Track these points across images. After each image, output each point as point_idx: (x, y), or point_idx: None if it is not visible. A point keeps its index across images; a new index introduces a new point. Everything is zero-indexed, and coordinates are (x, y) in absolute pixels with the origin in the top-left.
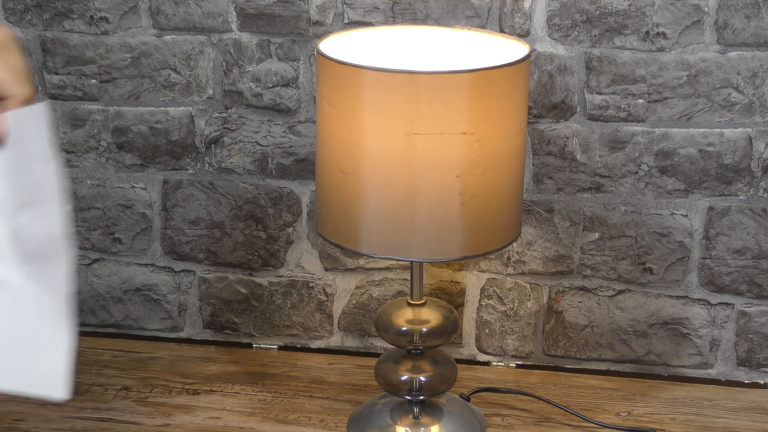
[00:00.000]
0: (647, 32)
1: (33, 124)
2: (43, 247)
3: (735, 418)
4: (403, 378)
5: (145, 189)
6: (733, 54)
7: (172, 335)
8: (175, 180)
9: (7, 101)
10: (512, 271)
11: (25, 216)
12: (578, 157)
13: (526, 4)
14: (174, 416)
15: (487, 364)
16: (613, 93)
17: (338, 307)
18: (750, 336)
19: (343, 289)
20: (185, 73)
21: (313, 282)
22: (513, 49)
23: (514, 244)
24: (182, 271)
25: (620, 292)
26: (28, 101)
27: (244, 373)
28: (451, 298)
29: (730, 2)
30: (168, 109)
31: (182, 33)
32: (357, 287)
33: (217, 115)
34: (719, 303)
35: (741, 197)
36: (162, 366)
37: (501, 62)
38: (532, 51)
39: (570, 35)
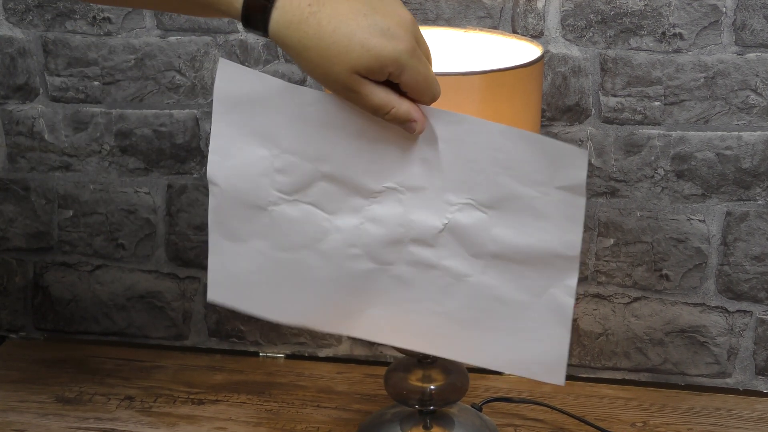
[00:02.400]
0: (663, 33)
1: (512, 143)
2: (516, 253)
3: (753, 428)
4: (414, 387)
5: (149, 194)
6: (751, 55)
7: (177, 343)
8: (180, 184)
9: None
10: None
11: (476, 215)
12: (593, 160)
13: (540, 5)
14: (179, 426)
15: (499, 373)
16: (629, 95)
17: None
18: None
19: None
20: (190, 74)
21: None
22: (526, 51)
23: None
24: (187, 277)
25: (636, 299)
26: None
27: (250, 383)
28: None
29: (749, 2)
30: (172, 111)
31: (187, 34)
32: None
33: None
34: (737, 310)
35: (760, 202)
36: (166, 375)
37: (514, 64)
38: (545, 52)
39: (584, 36)
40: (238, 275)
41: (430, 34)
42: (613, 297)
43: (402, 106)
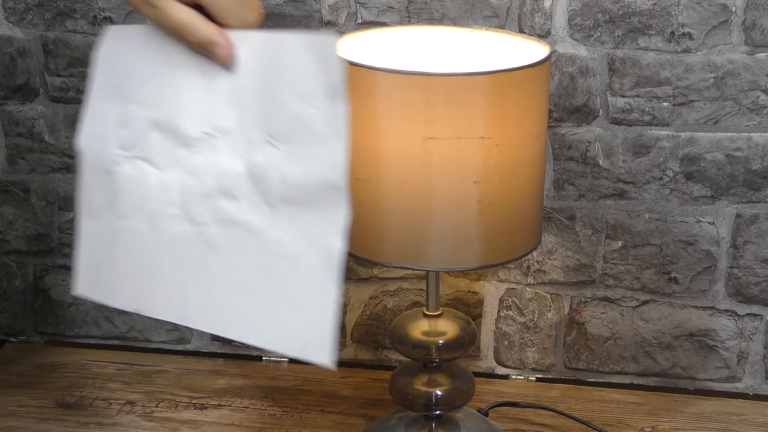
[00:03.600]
0: (672, 33)
1: (295, 54)
2: (299, 191)
3: None
4: (419, 392)
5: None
6: (761, 55)
7: (179, 347)
8: None
9: (231, 28)
10: (532, 281)
11: (271, 154)
12: (601, 162)
13: (547, 4)
14: (181, 431)
15: (506, 377)
16: (637, 96)
17: (351, 318)
18: None
19: (356, 300)
20: None
21: None
22: (533, 50)
23: (534, 253)
24: None
25: (644, 302)
26: (250, 27)
27: (253, 387)
28: (469, 309)
29: (759, 1)
30: None
31: None
32: (371, 298)
33: None
34: (747, 314)
35: None
36: (168, 379)
37: (520, 64)
38: (552, 52)
39: (592, 36)
40: (97, 259)
41: (436, 33)
42: (621, 300)
43: (204, 27)
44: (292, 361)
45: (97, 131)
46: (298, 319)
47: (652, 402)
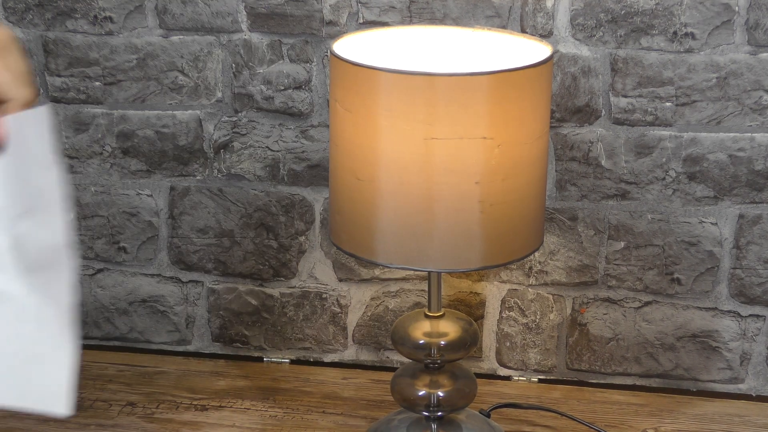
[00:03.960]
0: (675, 32)
1: (34, 128)
2: (44, 256)
3: None
4: (421, 393)
5: (151, 196)
6: (764, 55)
7: (180, 348)
8: (183, 187)
9: (7, 105)
10: (534, 282)
11: (26, 224)
12: (603, 162)
13: (549, 4)
14: None
15: (508, 378)
16: (640, 96)
17: (353, 319)
18: None
19: (357, 301)
20: (193, 75)
21: (326, 293)
22: (535, 50)
23: (537, 254)
24: (190, 281)
25: (647, 303)
26: (29, 104)
27: (254, 388)
28: (471, 310)
29: (762, 1)
30: (175, 112)
31: (190, 33)
32: (372, 298)
33: (227, 118)
34: (750, 315)
35: None
36: (169, 381)
37: (522, 64)
38: (554, 52)
39: (594, 36)
40: None
41: (438, 33)
42: (623, 301)
43: None
44: (294, 361)
45: None
46: (40, 374)
47: (655, 403)
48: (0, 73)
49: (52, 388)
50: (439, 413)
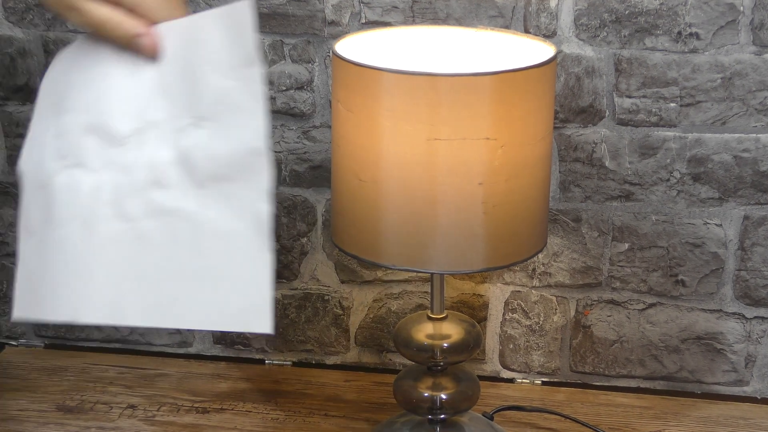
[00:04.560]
0: (679, 33)
1: (210, 31)
2: (225, 166)
3: None
4: (423, 396)
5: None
6: None
7: (181, 351)
8: None
9: (153, 20)
10: (538, 284)
11: (197, 135)
12: (607, 163)
13: (553, 4)
14: None
15: (511, 381)
16: (644, 96)
17: (355, 321)
18: None
19: (360, 303)
20: None
21: (328, 295)
22: (538, 51)
23: (540, 255)
24: None
25: (651, 305)
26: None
27: (256, 391)
28: (474, 312)
29: (767, 1)
30: None
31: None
32: (375, 300)
33: None
34: (755, 317)
35: None
36: (170, 383)
37: (526, 64)
38: (558, 52)
39: (598, 36)
40: (35, 278)
41: (440, 33)
42: (627, 303)
43: (126, 22)
44: (296, 364)
45: (35, 150)
46: (236, 292)
47: (659, 406)
48: None
49: (251, 305)
50: (442, 416)
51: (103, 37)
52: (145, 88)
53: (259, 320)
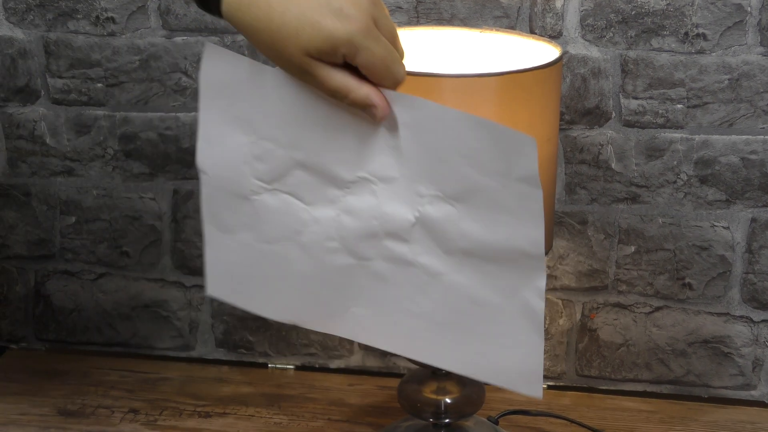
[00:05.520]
0: (686, 33)
1: (472, 133)
2: (484, 250)
3: None
4: (428, 400)
5: (154, 200)
6: None
7: (183, 354)
8: (186, 190)
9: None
10: None
11: (445, 209)
12: (613, 165)
13: (558, 4)
14: None
15: None
16: (650, 98)
17: None
18: None
19: None
20: (196, 76)
21: None
22: (544, 52)
23: (545, 258)
24: (194, 286)
25: (658, 308)
26: (398, 84)
27: (259, 395)
28: None
29: None
30: (179, 114)
31: (193, 34)
32: None
33: None
34: (762, 320)
35: None
36: (172, 387)
37: (531, 65)
38: (564, 53)
39: (604, 36)
40: (232, 269)
41: (445, 34)
42: (634, 306)
43: (360, 90)
44: (299, 368)
45: (225, 157)
46: (502, 356)
47: (666, 410)
48: (377, 59)
49: (524, 371)
50: (447, 420)
51: (333, 99)
52: (372, 144)
53: (532, 385)
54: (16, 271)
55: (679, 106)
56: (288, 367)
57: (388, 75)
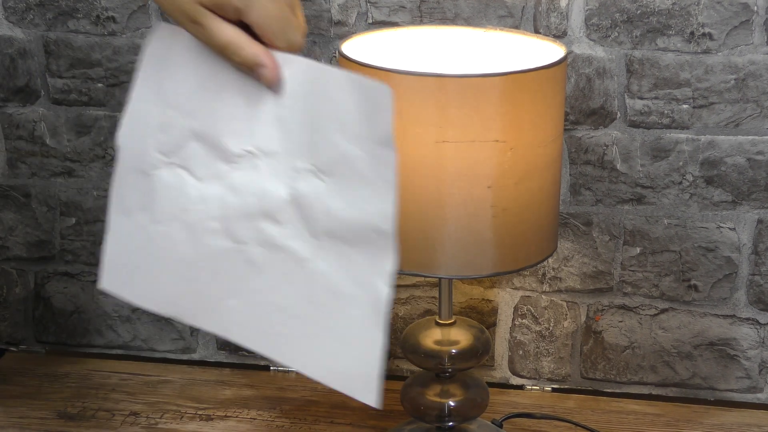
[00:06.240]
0: (692, 33)
1: (343, 92)
2: (343, 228)
3: None
4: (431, 403)
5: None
6: None
7: (184, 357)
8: None
9: (276, 49)
10: (548, 289)
11: (315, 184)
12: (618, 166)
13: (563, 3)
14: None
15: (520, 387)
16: (656, 98)
17: None
18: None
19: None
20: None
21: None
22: (548, 51)
23: (550, 260)
24: None
25: (663, 310)
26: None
27: (260, 398)
28: (483, 318)
29: None
30: None
31: None
32: None
33: None
34: None
35: None
36: (173, 390)
37: (536, 65)
38: (569, 53)
39: (609, 36)
40: (126, 257)
41: (449, 33)
42: (639, 308)
43: (251, 47)
44: None
45: (137, 130)
46: (344, 354)
47: (672, 413)
48: (272, 17)
49: (359, 373)
50: (450, 423)
51: (222, 56)
52: (259, 115)
53: (366, 391)
54: (15, 273)
55: (684, 106)
56: (290, 369)
57: (281, 36)
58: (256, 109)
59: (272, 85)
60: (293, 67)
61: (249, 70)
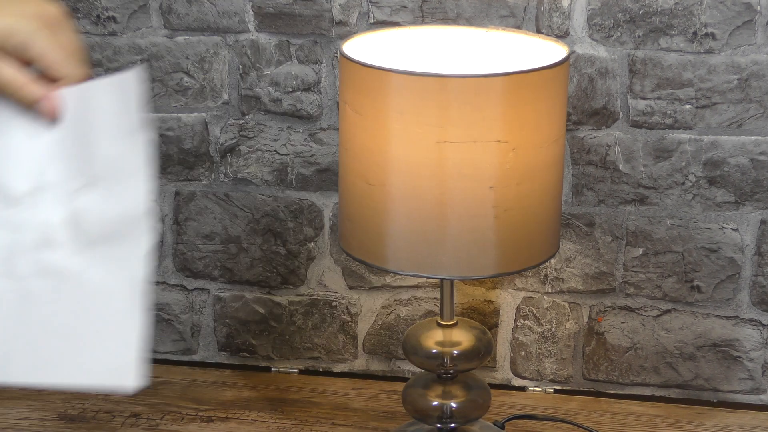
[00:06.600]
0: (695, 33)
1: (106, 96)
2: (112, 228)
3: None
4: (433, 404)
5: (155, 201)
6: None
7: (185, 358)
8: (188, 192)
9: (60, 82)
10: (550, 290)
11: (89, 197)
12: (621, 166)
13: (565, 3)
14: None
15: (522, 389)
16: (659, 98)
17: (363, 328)
18: None
19: (368, 309)
20: (199, 76)
21: (336, 301)
22: (551, 51)
23: (552, 261)
24: (195, 289)
25: (666, 311)
26: (82, 82)
27: (262, 399)
28: (485, 319)
29: None
30: (180, 115)
31: (195, 33)
32: (383, 307)
33: (233, 121)
34: None
35: None
36: (174, 391)
37: (538, 65)
38: (571, 53)
39: (612, 36)
40: None
41: (450, 33)
42: (642, 309)
43: (28, 85)
44: (302, 372)
45: None
46: (106, 350)
47: (674, 414)
48: (53, 50)
49: (119, 363)
50: (452, 425)
51: (6, 97)
52: (44, 150)
53: (125, 377)
54: None
55: (687, 106)
56: (291, 371)
57: (64, 70)
58: (39, 145)
59: (52, 118)
60: (73, 94)
61: (29, 107)
